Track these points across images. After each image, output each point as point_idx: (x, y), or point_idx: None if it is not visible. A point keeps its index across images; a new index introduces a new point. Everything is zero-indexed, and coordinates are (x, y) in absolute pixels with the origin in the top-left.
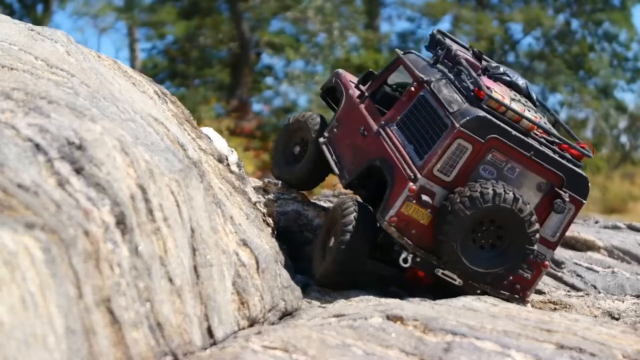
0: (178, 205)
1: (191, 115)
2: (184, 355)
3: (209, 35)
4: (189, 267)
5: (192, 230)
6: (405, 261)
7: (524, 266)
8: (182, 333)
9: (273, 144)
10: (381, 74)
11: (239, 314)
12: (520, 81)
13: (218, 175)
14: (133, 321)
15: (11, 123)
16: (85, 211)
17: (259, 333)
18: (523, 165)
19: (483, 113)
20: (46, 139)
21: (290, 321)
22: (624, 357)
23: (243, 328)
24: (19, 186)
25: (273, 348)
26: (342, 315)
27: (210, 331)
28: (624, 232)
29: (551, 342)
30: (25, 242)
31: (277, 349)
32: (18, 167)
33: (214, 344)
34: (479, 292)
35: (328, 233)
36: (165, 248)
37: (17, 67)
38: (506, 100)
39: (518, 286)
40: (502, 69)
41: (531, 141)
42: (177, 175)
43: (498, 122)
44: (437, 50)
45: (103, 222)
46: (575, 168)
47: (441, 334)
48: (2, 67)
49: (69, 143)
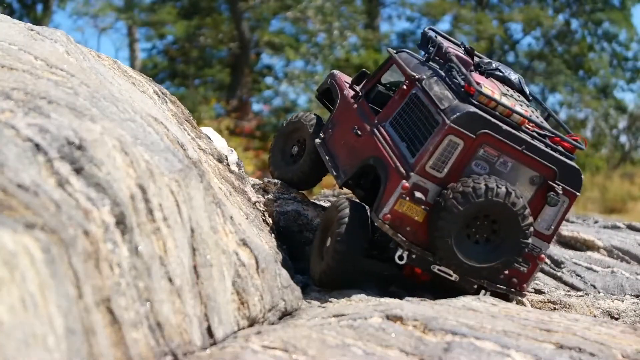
0: (178, 205)
1: (191, 115)
2: (184, 355)
3: (209, 35)
4: (189, 267)
5: (192, 230)
6: (400, 258)
7: (520, 260)
8: (182, 333)
9: (270, 145)
10: (375, 74)
11: (239, 314)
12: (512, 76)
13: (218, 175)
14: (133, 321)
15: (11, 123)
16: (85, 211)
17: (259, 333)
18: (515, 159)
19: (473, 109)
20: (46, 139)
21: (290, 321)
22: (624, 357)
23: (243, 328)
24: (19, 186)
25: (273, 348)
26: (342, 315)
27: (210, 331)
28: (624, 232)
29: (551, 342)
30: (25, 242)
31: (277, 349)
32: (18, 167)
33: (214, 344)
34: (476, 287)
35: (325, 233)
36: (165, 248)
37: (17, 67)
38: (496, 95)
39: (515, 280)
40: (495, 65)
41: (523, 135)
42: (177, 175)
43: (488, 117)
44: (429, 48)
45: (103, 222)
46: (567, 160)
47: (441, 334)
48: (2, 67)
49: (69, 143)
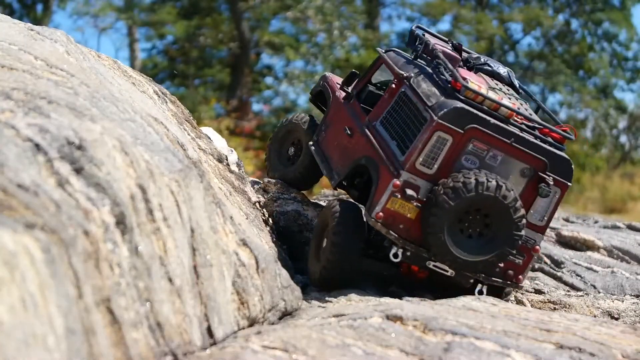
0: (178, 205)
1: (191, 115)
2: (184, 355)
3: (209, 35)
4: (189, 267)
5: (192, 230)
6: (395, 256)
7: (514, 252)
8: (182, 333)
9: (267, 148)
10: (365, 74)
11: (239, 314)
12: (501, 70)
13: (218, 175)
14: (133, 321)
15: (11, 123)
16: (85, 211)
17: (259, 333)
18: (505, 152)
19: (460, 104)
20: (46, 139)
21: (290, 321)
22: (624, 357)
23: (243, 328)
24: (19, 186)
25: (273, 348)
26: (342, 315)
27: (210, 331)
28: (624, 232)
29: (551, 342)
30: (25, 242)
31: (277, 349)
32: (18, 167)
33: (214, 344)
34: (473, 282)
35: (321, 235)
36: (165, 248)
37: (17, 67)
38: (483, 89)
39: (511, 272)
40: (483, 60)
41: (511, 128)
42: (177, 175)
43: (476, 112)
44: (417, 46)
45: (103, 222)
46: (557, 151)
47: (441, 334)
48: (2, 67)
49: (69, 143)
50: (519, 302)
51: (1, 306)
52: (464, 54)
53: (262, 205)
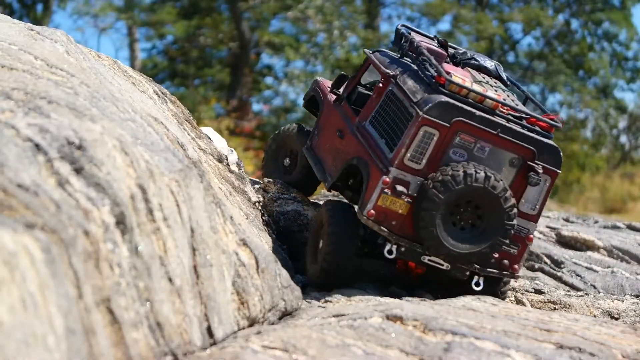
0: (178, 205)
1: (191, 115)
2: (184, 355)
3: (209, 35)
4: (189, 267)
5: (192, 230)
6: (390, 252)
7: (508, 242)
8: (182, 333)
9: (262, 161)
10: (354, 76)
11: (239, 314)
12: (488, 64)
13: (218, 175)
14: (133, 321)
15: (11, 123)
16: (85, 211)
17: (259, 333)
18: (492, 143)
19: (445, 98)
20: (46, 139)
21: (290, 321)
22: (624, 357)
23: (243, 328)
24: (19, 186)
25: (273, 348)
26: (342, 315)
27: (210, 331)
28: (624, 232)
29: (551, 342)
30: (25, 242)
31: (277, 349)
32: (18, 167)
33: (214, 344)
34: (469, 274)
35: (316, 235)
36: (165, 248)
37: (17, 67)
38: (467, 82)
39: (506, 262)
40: (470, 54)
41: (497, 119)
42: (177, 175)
43: (461, 105)
44: (402, 44)
45: (103, 222)
46: (545, 140)
47: (441, 334)
48: (2, 67)
49: (69, 143)
50: (519, 302)
51: (1, 306)
52: (451, 50)
53: (262, 205)
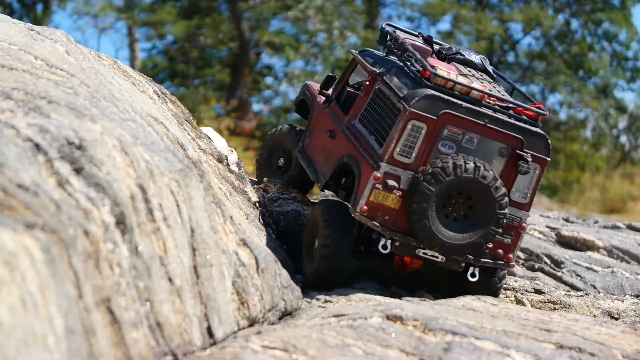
0: (178, 205)
1: (191, 115)
2: (184, 355)
3: (209, 35)
4: (189, 267)
5: (192, 230)
6: (384, 247)
7: (501, 231)
8: (182, 333)
9: (256, 164)
10: (342, 76)
11: (239, 314)
12: (473, 57)
13: (218, 175)
14: (133, 321)
15: (11, 123)
16: (85, 211)
17: (259, 333)
18: (480, 134)
19: (431, 91)
20: (46, 139)
21: (290, 321)
22: (624, 357)
23: (243, 328)
24: (19, 186)
25: (273, 348)
26: (342, 315)
27: (210, 331)
28: (624, 232)
29: (551, 342)
30: (25, 242)
31: (277, 349)
32: (18, 167)
33: (214, 344)
34: (464, 265)
35: (312, 235)
36: (165, 248)
37: (17, 67)
38: (452, 75)
39: (500, 251)
40: (455, 49)
41: (484, 110)
42: (177, 175)
43: (447, 97)
44: (387, 43)
45: (103, 222)
46: (532, 128)
47: (441, 334)
48: (2, 67)
49: (69, 143)
50: (519, 302)
51: (1, 306)
52: (436, 46)
53: (262, 205)
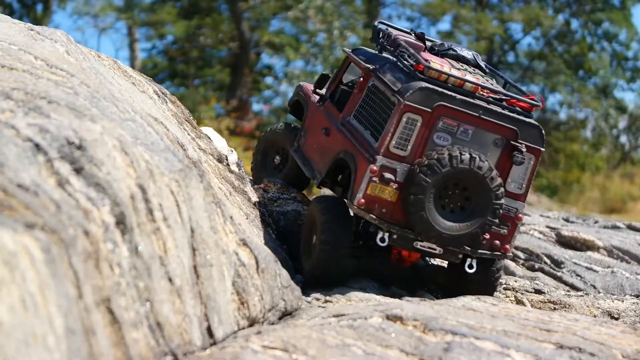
0: (178, 205)
1: (191, 115)
2: (184, 355)
3: (209, 35)
4: (189, 267)
5: (192, 230)
6: (382, 240)
7: (497, 221)
8: (182, 333)
9: (252, 162)
10: (335, 75)
11: (239, 314)
12: (466, 53)
13: (218, 175)
14: (133, 321)
15: (11, 123)
16: (85, 211)
17: (259, 333)
18: (474, 125)
19: (425, 84)
20: (46, 139)
21: (290, 321)
22: (624, 357)
23: (243, 328)
24: (19, 186)
25: (273, 348)
26: (342, 315)
27: (210, 331)
28: (624, 232)
29: (551, 342)
30: (25, 242)
31: (277, 349)
32: (18, 167)
33: (214, 344)
34: (461, 257)
35: (310, 231)
36: (165, 248)
37: (17, 67)
38: (445, 68)
39: (497, 242)
40: (447, 45)
41: (478, 102)
42: (177, 175)
43: (441, 90)
44: (380, 39)
45: (103, 222)
46: (526, 119)
47: (441, 334)
48: (2, 67)
49: (69, 143)
50: (519, 302)
51: (1, 306)
52: (428, 43)
53: (262, 205)
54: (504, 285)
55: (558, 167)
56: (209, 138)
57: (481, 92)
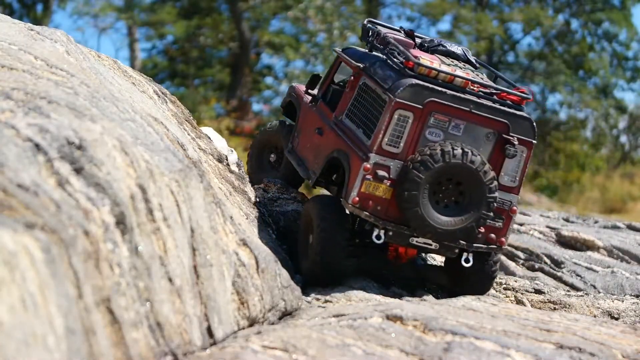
0: (178, 205)
1: (191, 115)
2: (184, 355)
3: (209, 35)
4: (189, 267)
5: (192, 230)
6: (378, 238)
7: (492, 215)
8: (182, 333)
9: (248, 160)
10: (327, 75)
11: (239, 314)
12: (456, 49)
13: (218, 175)
14: (133, 321)
15: (11, 123)
16: (85, 211)
17: (259, 333)
18: (466, 120)
19: (415, 80)
20: (46, 139)
21: (290, 321)
22: (624, 357)
23: (243, 328)
24: (19, 186)
25: (273, 348)
26: (342, 315)
27: (210, 331)
28: (624, 232)
29: (551, 342)
30: (25, 242)
31: (277, 349)
32: (18, 167)
33: (214, 344)
34: (457, 252)
35: (306, 231)
36: (165, 248)
37: (17, 67)
38: (435, 64)
39: (492, 235)
40: (437, 41)
41: (468, 96)
42: (177, 175)
43: (432, 86)
44: (369, 38)
45: (103, 222)
46: (517, 112)
47: (441, 334)
48: (2, 67)
49: (69, 143)
50: (519, 302)
51: (1, 306)
52: (418, 40)
53: (262, 205)
54: (504, 285)
55: (558, 167)
56: (209, 138)
57: (472, 87)
